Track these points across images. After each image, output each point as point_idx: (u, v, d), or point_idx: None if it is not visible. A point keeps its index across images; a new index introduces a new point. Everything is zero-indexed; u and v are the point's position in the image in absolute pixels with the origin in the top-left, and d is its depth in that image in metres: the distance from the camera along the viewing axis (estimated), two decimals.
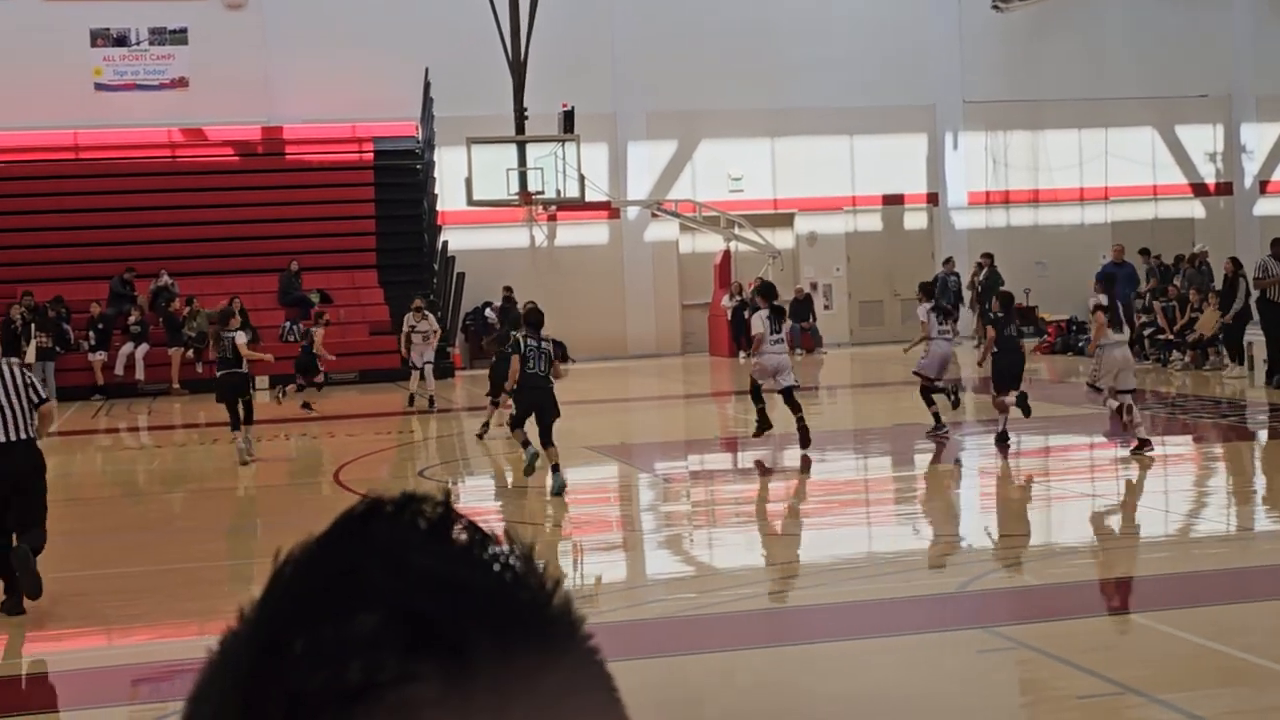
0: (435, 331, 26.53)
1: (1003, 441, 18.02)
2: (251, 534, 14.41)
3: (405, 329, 26.59)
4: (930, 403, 19.23)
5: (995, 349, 18.44)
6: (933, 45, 39.37)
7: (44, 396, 11.05)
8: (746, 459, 19.59)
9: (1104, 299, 17.15)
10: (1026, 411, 18.39)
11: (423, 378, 25.90)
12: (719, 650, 9.20)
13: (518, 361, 15.71)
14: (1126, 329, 17.89)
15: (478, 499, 16.44)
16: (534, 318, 16.22)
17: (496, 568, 0.79)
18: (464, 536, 0.80)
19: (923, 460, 18.63)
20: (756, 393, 18.69)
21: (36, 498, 10.82)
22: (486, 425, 21.22)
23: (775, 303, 19.21)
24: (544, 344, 15.74)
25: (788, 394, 18.34)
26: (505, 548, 0.80)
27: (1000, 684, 8.62)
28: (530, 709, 0.75)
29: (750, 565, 12.17)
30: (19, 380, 10.74)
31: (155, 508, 16.91)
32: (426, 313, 26.68)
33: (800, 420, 18.19)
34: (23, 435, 10.67)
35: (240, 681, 0.76)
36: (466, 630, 0.75)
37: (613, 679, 0.80)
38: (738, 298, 32.08)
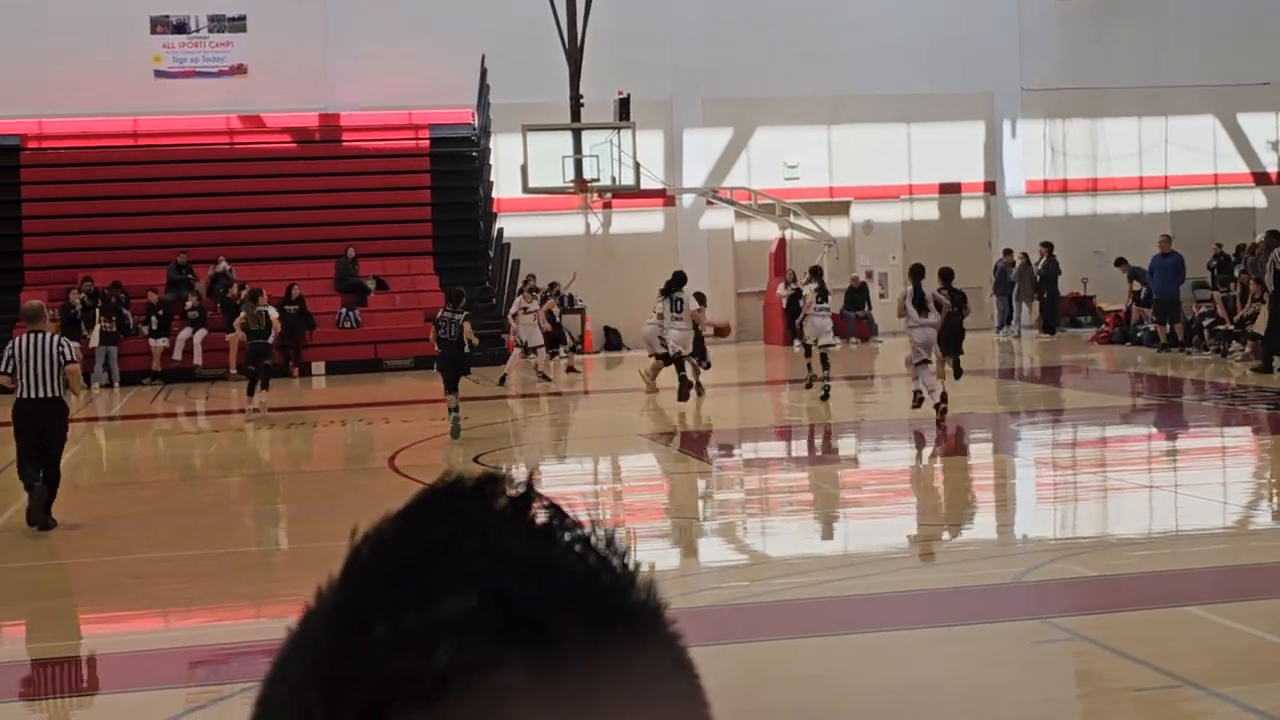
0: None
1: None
2: (307, 518, 14.49)
3: (515, 309, 27.49)
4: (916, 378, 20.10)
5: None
6: (991, 32, 39.12)
7: (70, 358, 13.52)
8: (800, 447, 19.58)
9: (910, 289, 19.73)
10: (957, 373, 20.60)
11: (531, 355, 27.09)
12: (772, 639, 9.19)
13: None
14: (933, 314, 19.78)
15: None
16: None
17: (580, 550, 0.77)
18: (547, 518, 0.78)
19: (979, 450, 18.56)
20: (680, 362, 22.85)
21: (59, 446, 13.66)
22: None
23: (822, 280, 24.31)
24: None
25: (824, 353, 23.16)
26: (588, 529, 0.79)
27: (1056, 675, 8.57)
28: (617, 695, 0.73)
29: (803, 554, 12.15)
30: (49, 347, 13.35)
31: (212, 491, 17.03)
32: (537, 294, 27.28)
33: (826, 378, 22.93)
34: (49, 393, 13.36)
35: (319, 662, 0.74)
36: (555, 615, 0.73)
37: (695, 665, 0.78)
38: (793, 286, 32.00)
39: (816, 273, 25.01)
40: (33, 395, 13.45)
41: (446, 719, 0.71)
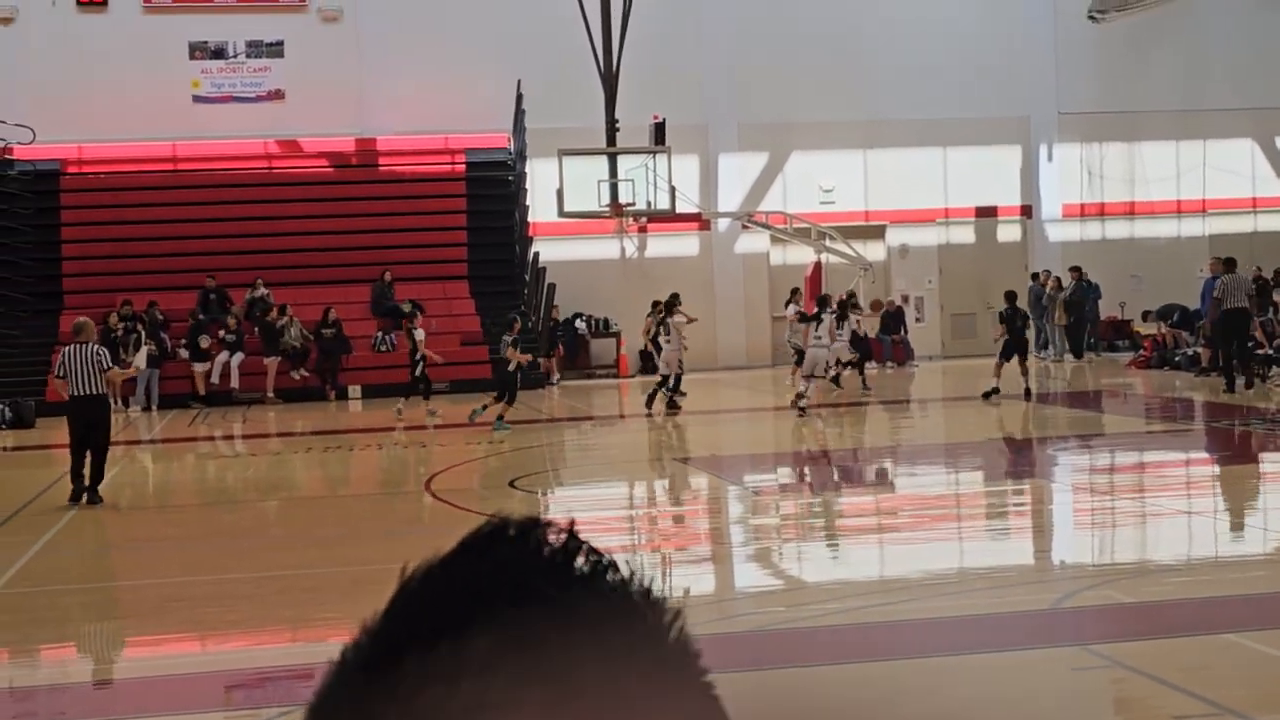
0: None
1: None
2: (344, 542, 14.52)
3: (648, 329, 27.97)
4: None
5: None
6: (1028, 56, 39.08)
7: (107, 365, 16.76)
8: (835, 472, 19.54)
9: (806, 309, 26.08)
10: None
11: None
12: (807, 665, 9.17)
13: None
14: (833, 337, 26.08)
15: (566, 510, 16.48)
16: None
17: (615, 597, 0.79)
18: (586, 564, 0.80)
19: (1017, 474, 18.49)
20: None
21: (104, 434, 16.99)
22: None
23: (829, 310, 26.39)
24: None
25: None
26: (626, 577, 0.81)
27: (1095, 703, 8.52)
28: None
29: (839, 579, 12.12)
30: (92, 355, 16.67)
31: (250, 515, 17.09)
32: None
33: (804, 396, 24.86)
34: (96, 391, 16.62)
35: (356, 693, 0.77)
36: (577, 659, 0.76)
37: (726, 715, 0.80)
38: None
39: (824, 302, 26.93)
40: (81, 393, 16.58)
41: None
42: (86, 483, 16.78)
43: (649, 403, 25.87)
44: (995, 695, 8.41)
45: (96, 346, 17.08)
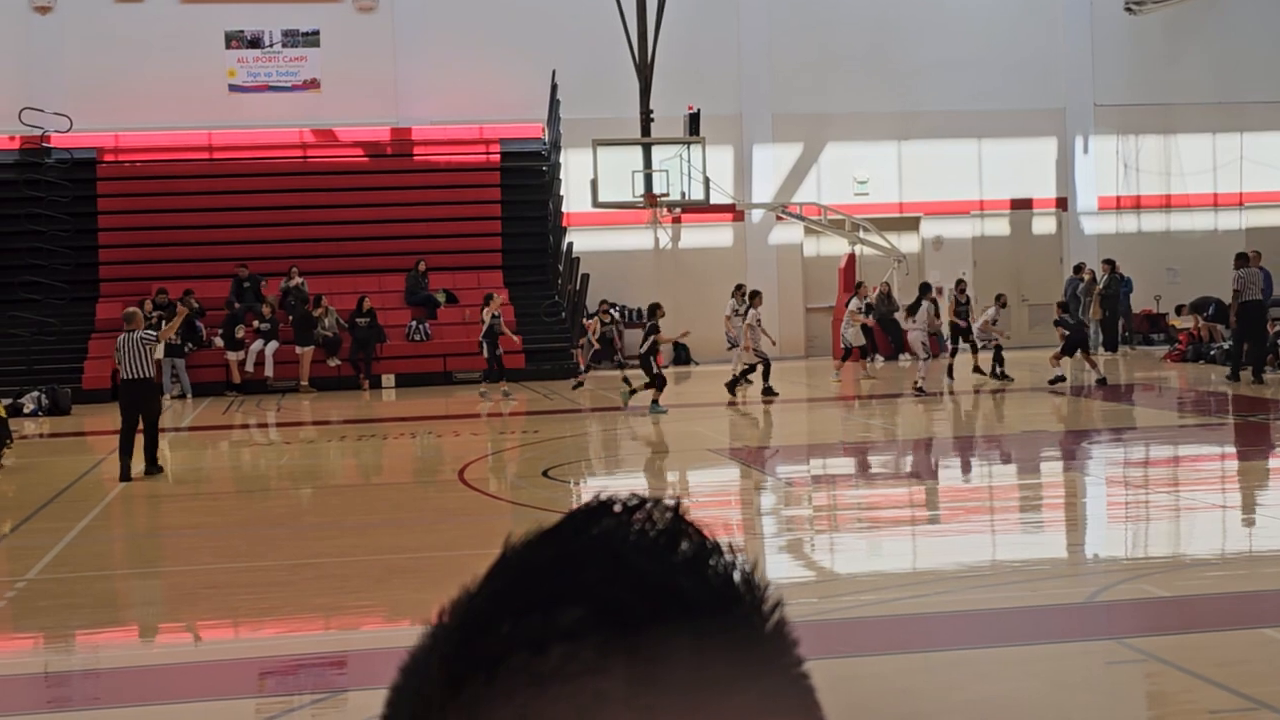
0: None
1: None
2: (378, 530, 14.57)
3: (728, 312, 28.01)
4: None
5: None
6: (1063, 48, 38.91)
7: (157, 354, 18.68)
8: (868, 463, 19.50)
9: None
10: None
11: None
12: (840, 656, 9.16)
13: None
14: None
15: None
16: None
17: (714, 579, 0.80)
18: (689, 545, 0.82)
19: (1050, 467, 18.43)
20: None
21: (154, 413, 18.43)
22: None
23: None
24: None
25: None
26: (728, 560, 0.82)
27: (1130, 697, 8.49)
28: (721, 717, 0.76)
29: (872, 570, 12.10)
30: (138, 341, 18.03)
31: (284, 503, 17.16)
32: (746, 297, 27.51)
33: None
34: (142, 375, 18.03)
35: (445, 656, 0.79)
36: (667, 637, 0.77)
37: (819, 707, 0.80)
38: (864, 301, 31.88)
39: (925, 289, 28.82)
40: (131, 377, 18.05)
41: (544, 713, 0.76)
42: (141, 462, 18.22)
43: (731, 388, 26.64)
44: (1030, 689, 8.38)
45: (139, 333, 18.25)
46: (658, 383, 24.24)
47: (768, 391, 25.96)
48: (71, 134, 34.95)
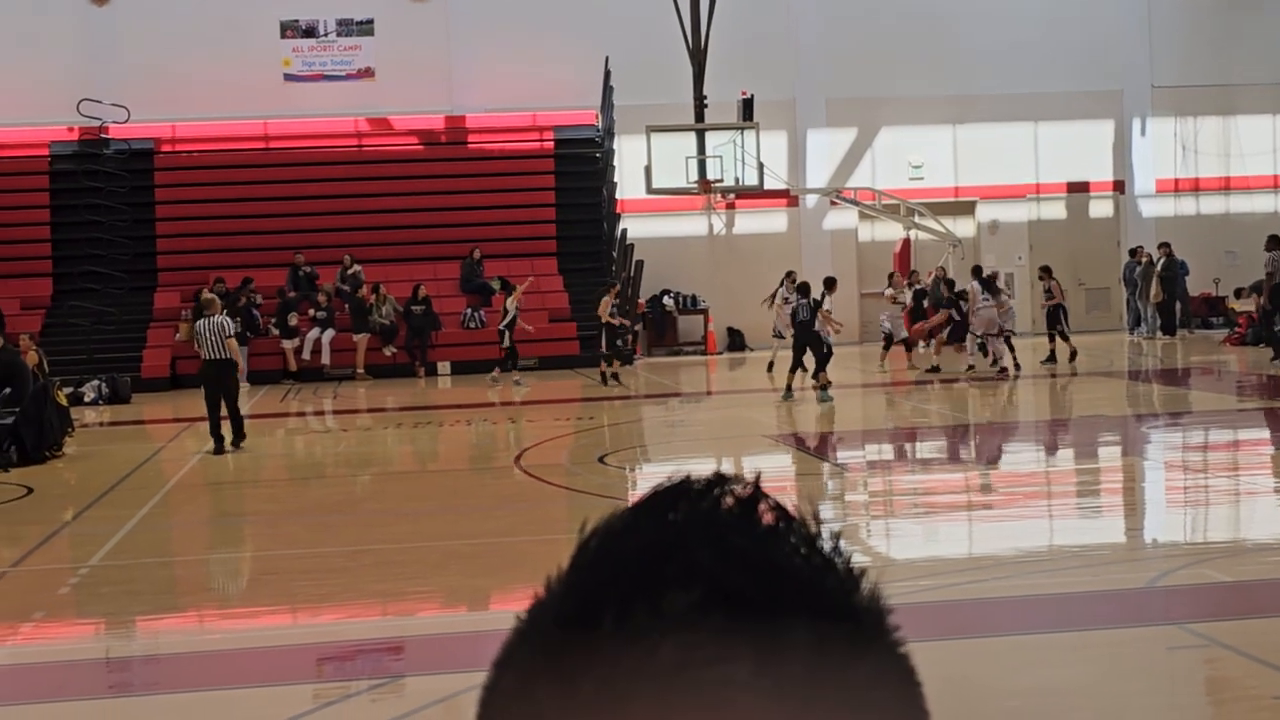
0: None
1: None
2: (434, 517, 14.62)
3: (779, 301, 27.81)
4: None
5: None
6: (1120, 29, 38.57)
7: (229, 333, 19.58)
8: (924, 449, 19.42)
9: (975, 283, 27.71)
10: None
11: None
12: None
13: None
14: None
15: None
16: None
17: (806, 551, 0.78)
18: (773, 518, 0.79)
19: (1108, 452, 18.31)
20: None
21: (233, 391, 19.75)
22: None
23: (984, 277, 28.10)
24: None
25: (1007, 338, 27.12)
26: (814, 531, 0.79)
27: (1192, 682, 8.43)
28: (840, 695, 0.73)
29: (930, 556, 12.05)
30: (216, 325, 19.49)
31: (342, 490, 17.25)
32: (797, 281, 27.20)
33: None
34: (220, 355, 19.40)
35: (550, 654, 0.75)
36: (780, 613, 0.74)
37: (916, 672, 0.78)
38: (916, 287, 31.70)
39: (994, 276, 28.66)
40: (209, 358, 19.43)
41: (672, 712, 0.72)
42: (229, 436, 19.66)
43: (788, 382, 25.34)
44: (1091, 675, 8.33)
45: (220, 318, 19.79)
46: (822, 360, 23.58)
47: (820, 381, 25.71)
48: (129, 125, 35.19)
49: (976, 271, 29.03)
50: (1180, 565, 11.10)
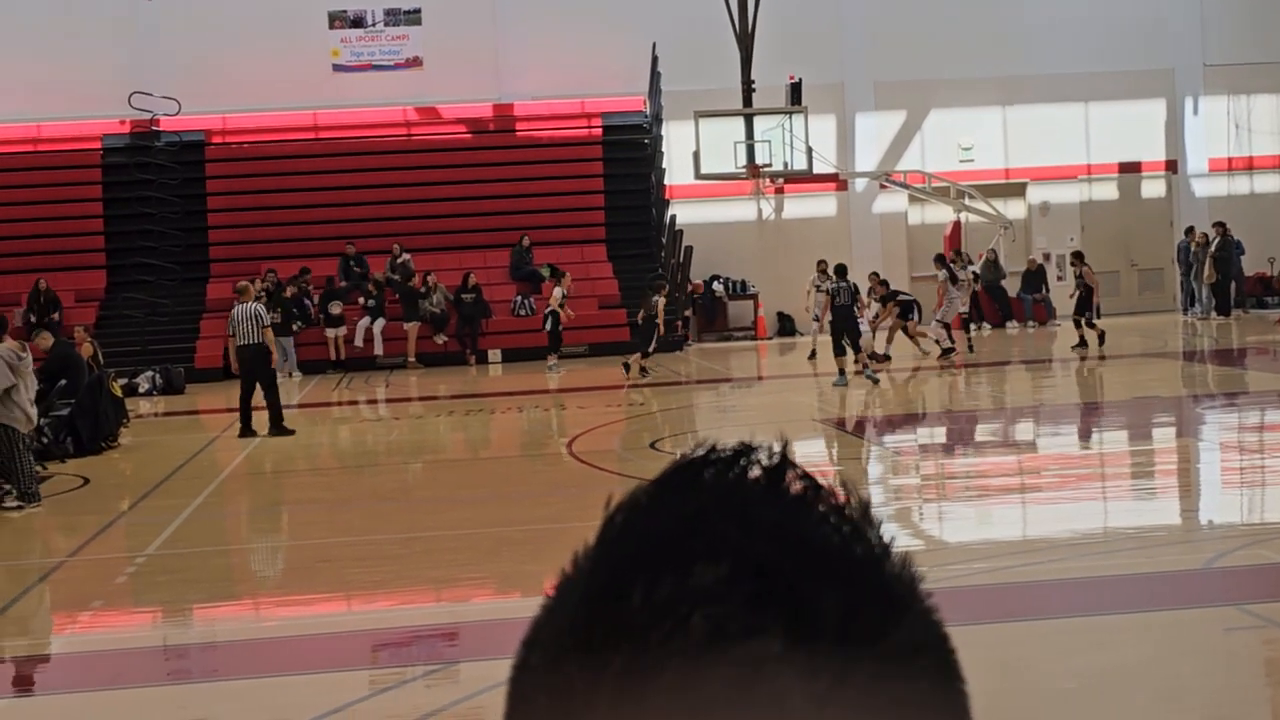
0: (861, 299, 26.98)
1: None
2: (487, 504, 14.67)
3: (809, 287, 27.67)
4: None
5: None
6: (1171, 6, 38.24)
7: (266, 322, 20.20)
8: (976, 431, 19.34)
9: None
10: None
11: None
12: (952, 625, 9.08)
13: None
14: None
15: None
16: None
17: (835, 521, 0.76)
18: (801, 488, 0.77)
19: (1163, 434, 18.19)
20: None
21: (268, 377, 20.13)
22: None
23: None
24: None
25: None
26: (842, 501, 0.78)
27: (1250, 663, 8.36)
28: (874, 665, 0.72)
29: (983, 539, 12.00)
30: (252, 312, 20.07)
31: (395, 478, 17.32)
32: (830, 273, 26.97)
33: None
34: (254, 341, 19.91)
35: (577, 631, 0.75)
36: (810, 584, 0.73)
37: (950, 639, 0.77)
38: (969, 268, 31.55)
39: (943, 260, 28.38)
40: (244, 343, 19.92)
41: (704, 687, 0.71)
42: (264, 422, 20.09)
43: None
44: (1148, 656, 8.28)
45: (255, 305, 20.43)
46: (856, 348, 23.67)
47: (874, 357, 25.75)
48: (180, 117, 35.40)
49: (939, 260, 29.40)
50: (1237, 546, 11.02)
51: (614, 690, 0.72)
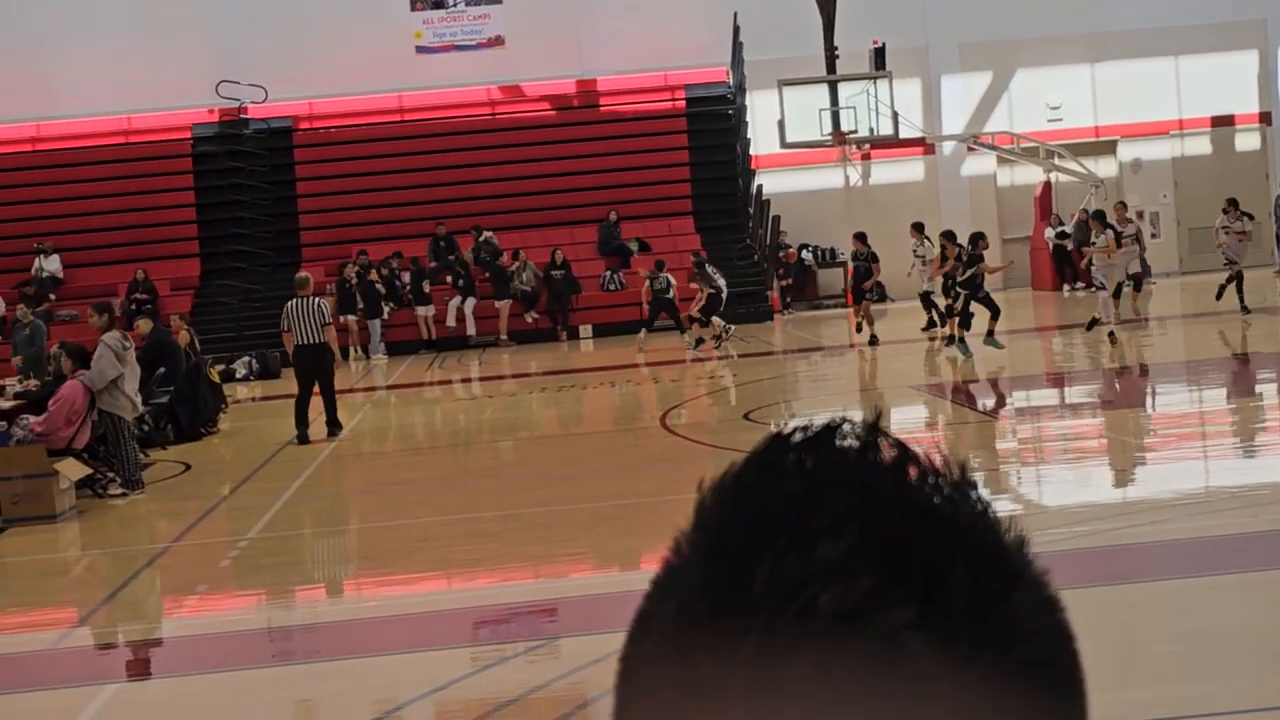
0: (933, 259, 25.76)
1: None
2: (581, 479, 14.71)
3: (913, 254, 27.32)
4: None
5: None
6: None
7: (327, 319, 18.19)
8: (1076, 394, 19.14)
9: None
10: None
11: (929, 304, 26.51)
12: (1057, 589, 9.00)
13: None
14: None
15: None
16: None
17: (945, 488, 0.75)
18: (904, 458, 0.76)
19: (1267, 390, 17.92)
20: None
21: (328, 377, 18.28)
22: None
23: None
24: None
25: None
26: (943, 468, 0.77)
27: None
28: (1002, 630, 0.72)
29: (1085, 502, 11.88)
30: (312, 307, 18.15)
31: (490, 456, 17.41)
32: (927, 239, 26.57)
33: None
34: (315, 340, 18.02)
35: (698, 616, 0.73)
36: (939, 554, 0.72)
37: (1061, 601, 0.77)
38: (1059, 228, 31.22)
39: (1100, 216, 26.30)
40: (304, 342, 18.07)
41: (843, 664, 0.70)
42: (321, 425, 18.44)
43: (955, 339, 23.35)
44: (1255, 617, 8.17)
45: (317, 300, 18.62)
46: (994, 311, 22.61)
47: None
48: (267, 104, 35.72)
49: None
50: None
51: (748, 677, 0.70)
